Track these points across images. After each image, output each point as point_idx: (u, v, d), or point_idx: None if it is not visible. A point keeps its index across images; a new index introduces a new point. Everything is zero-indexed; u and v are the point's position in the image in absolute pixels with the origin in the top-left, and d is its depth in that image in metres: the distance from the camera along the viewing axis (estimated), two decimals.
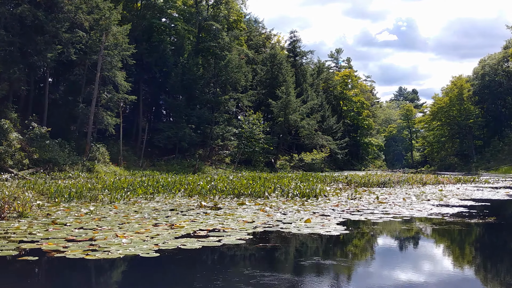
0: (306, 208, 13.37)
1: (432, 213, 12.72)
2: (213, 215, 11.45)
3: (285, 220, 10.68)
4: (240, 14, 67.22)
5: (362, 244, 8.75)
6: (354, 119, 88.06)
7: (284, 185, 19.60)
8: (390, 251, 8.30)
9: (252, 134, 56.04)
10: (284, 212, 12.37)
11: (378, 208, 13.90)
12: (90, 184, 19.31)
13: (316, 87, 78.15)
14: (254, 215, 11.55)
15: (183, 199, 15.72)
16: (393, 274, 6.61)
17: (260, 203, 14.55)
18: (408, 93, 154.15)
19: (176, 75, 50.95)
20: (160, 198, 16.19)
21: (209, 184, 19.01)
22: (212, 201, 15.04)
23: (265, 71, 67.29)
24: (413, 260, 7.73)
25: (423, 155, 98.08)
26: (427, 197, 18.31)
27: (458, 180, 31.46)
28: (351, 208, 13.80)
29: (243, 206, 13.70)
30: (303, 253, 7.77)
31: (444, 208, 14.24)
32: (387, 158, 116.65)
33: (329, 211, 12.85)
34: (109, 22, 41.65)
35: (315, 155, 62.72)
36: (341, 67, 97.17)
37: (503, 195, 20.15)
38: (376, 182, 25.68)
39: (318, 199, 16.71)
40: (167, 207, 13.33)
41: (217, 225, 9.67)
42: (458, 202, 16.49)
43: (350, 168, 77.40)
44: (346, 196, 17.84)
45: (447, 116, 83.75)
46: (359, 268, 7.12)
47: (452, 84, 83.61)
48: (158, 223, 9.85)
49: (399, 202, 15.79)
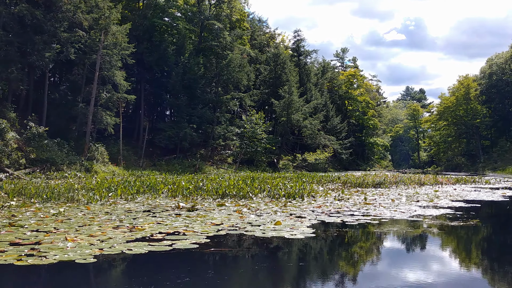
0: (285, 210, 12.97)
1: (414, 215, 12.28)
2: (184, 216, 11.09)
3: (256, 222, 10.29)
4: (243, 14, 66.91)
5: (319, 248, 8.24)
6: (359, 119, 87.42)
7: (273, 185, 19.19)
8: (347, 257, 7.82)
9: (254, 134, 55.73)
10: (260, 213, 11.99)
11: (361, 209, 13.47)
12: (77, 184, 19.06)
13: (321, 87, 77.69)
14: (227, 217, 11.17)
15: (164, 200, 15.38)
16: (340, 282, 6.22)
17: (240, 204, 14.18)
18: (415, 93, 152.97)
19: (177, 74, 50.69)
20: (142, 198, 15.87)
21: (195, 184, 18.65)
22: (193, 202, 14.71)
23: (269, 71, 67.03)
24: (369, 266, 7.29)
25: (430, 155, 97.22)
26: (418, 198, 17.86)
27: (457, 181, 30.93)
28: (333, 209, 13.39)
29: (221, 207, 13.33)
30: (250, 258, 7.31)
31: (429, 209, 13.79)
32: (394, 158, 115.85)
33: (308, 212, 12.45)
34: (109, 22, 41.46)
35: (318, 155, 62.27)
36: (346, 67, 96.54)
37: (498, 196, 19.65)
38: (371, 183, 25.22)
39: (304, 200, 16.33)
40: (143, 208, 12.99)
41: (181, 227, 9.28)
42: (448, 203, 16.03)
43: (355, 168, 76.85)
44: (334, 197, 17.41)
45: (453, 116, 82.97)
46: (299, 275, 6.64)
47: (459, 83, 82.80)
48: (120, 225, 9.49)
49: (386, 204, 15.35)
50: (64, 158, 35.37)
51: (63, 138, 38.68)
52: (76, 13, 38.95)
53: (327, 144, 64.77)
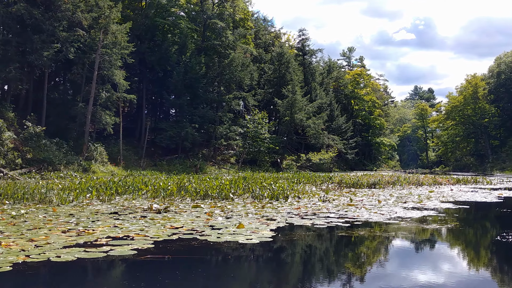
0: (261, 211, 12.49)
1: (392, 218, 11.75)
2: (147, 219, 10.64)
3: (220, 225, 9.81)
4: (247, 13, 66.41)
5: (265, 254, 7.68)
6: (365, 118, 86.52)
7: (261, 186, 18.69)
8: (289, 263, 7.30)
9: (257, 134, 55.24)
10: (230, 215, 11.51)
11: (341, 211, 12.96)
12: (61, 185, 18.69)
13: (326, 86, 76.98)
14: (193, 219, 10.69)
15: (142, 201, 14.93)
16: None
17: (217, 206, 13.72)
18: (423, 92, 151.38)
19: (178, 74, 50.32)
20: (120, 199, 15.45)
21: (179, 184, 18.20)
22: (170, 203, 14.27)
23: (273, 70, 66.50)
24: (307, 273, 6.80)
25: (438, 156, 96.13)
26: (408, 199, 17.31)
27: (457, 181, 30.28)
28: (311, 211, 12.89)
29: (195, 209, 12.87)
30: (184, 265, 6.78)
31: (413, 211, 13.25)
32: (402, 158, 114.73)
33: (282, 214, 11.96)
34: (109, 21, 41.17)
35: (322, 155, 61.61)
36: (353, 66, 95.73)
37: (493, 197, 19.04)
38: (366, 183, 24.67)
39: (287, 201, 15.83)
40: (113, 209, 12.56)
41: (135, 231, 8.84)
42: (436, 205, 15.47)
43: (362, 168, 76.08)
44: (319, 198, 16.87)
45: (461, 115, 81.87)
46: (225, 284, 6.15)
47: (467, 82, 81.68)
48: (72, 229, 9.03)
49: (371, 205, 14.82)
50: (61, 158, 35.13)
51: (63, 138, 38.50)
52: (76, 13, 38.71)
53: (331, 144, 64.05)
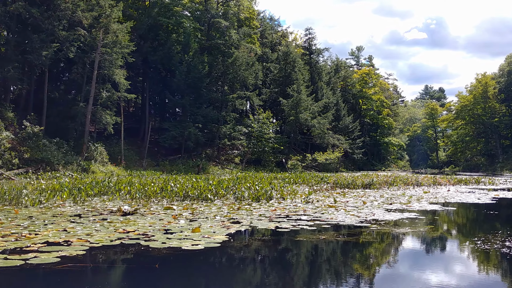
0: (231, 214, 11.98)
1: (365, 220, 11.19)
2: (107, 222, 10.20)
3: (177, 228, 9.32)
4: (252, 12, 65.96)
5: (201, 262, 7.04)
6: (373, 118, 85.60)
7: (245, 187, 18.20)
8: (226, 273, 6.78)
9: (261, 134, 54.75)
10: (196, 218, 11.03)
11: (317, 213, 12.42)
12: (45, 186, 18.35)
13: (333, 85, 76.28)
14: (154, 222, 10.21)
15: (116, 202, 14.48)
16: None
17: (190, 207, 13.26)
18: (434, 92, 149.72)
19: (181, 73, 50.00)
20: (96, 200, 15.03)
21: (162, 185, 17.75)
22: (145, 205, 13.84)
23: (278, 69, 65.96)
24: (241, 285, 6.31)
25: (448, 156, 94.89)
26: (396, 200, 16.73)
27: (458, 182, 29.58)
28: (285, 213, 12.38)
29: (165, 211, 12.41)
30: (101, 275, 6.28)
31: (393, 214, 12.67)
32: (412, 158, 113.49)
33: (253, 217, 11.45)
34: (109, 20, 40.93)
35: (328, 155, 60.97)
36: (362, 65, 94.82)
37: (487, 199, 18.39)
38: (361, 184, 24.11)
39: (268, 202, 15.33)
40: (79, 211, 12.13)
41: (81, 236, 8.35)
42: (423, 206, 14.88)
43: (370, 169, 75.30)
44: (303, 199, 16.33)
45: (471, 115, 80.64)
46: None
47: (477, 81, 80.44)
48: (16, 232, 8.57)
49: (353, 207, 14.28)
50: (60, 158, 34.88)
51: (64, 138, 38.32)
52: (76, 12, 38.46)
53: (336, 144, 63.32)
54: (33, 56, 35.86)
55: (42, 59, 36.02)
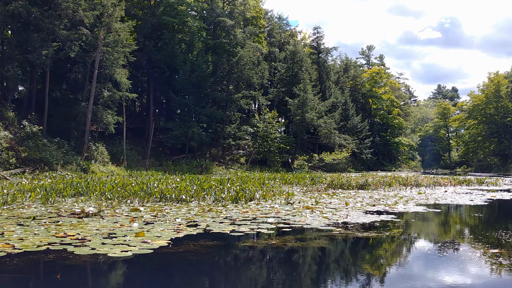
0: (198, 215, 11.47)
1: (334, 223, 10.60)
2: (57, 224, 9.72)
3: (124, 232, 8.80)
4: (259, 11, 65.36)
5: (112, 273, 6.54)
6: (383, 117, 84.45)
7: (227, 187, 17.66)
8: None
9: (267, 133, 54.16)
10: (155, 221, 10.50)
11: (289, 215, 11.84)
12: (28, 186, 17.98)
13: (342, 85, 75.44)
14: (105, 225, 9.68)
15: (87, 204, 13.99)
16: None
17: (157, 209, 12.74)
18: (447, 91, 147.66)
19: (185, 72, 49.62)
20: (70, 201, 14.56)
21: (141, 186, 17.26)
22: (114, 206, 13.35)
23: (285, 69, 65.29)
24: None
25: (461, 156, 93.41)
26: (383, 201, 16.09)
27: (459, 182, 28.79)
28: (256, 215, 11.81)
29: (131, 213, 11.91)
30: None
31: (369, 216, 12.06)
32: (424, 158, 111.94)
33: (216, 219, 10.90)
34: (112, 19, 40.66)
35: (336, 155, 60.23)
36: (372, 64, 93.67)
37: (481, 200, 17.66)
38: (355, 184, 23.46)
39: (246, 203, 14.77)
40: (40, 213, 11.65)
41: (14, 240, 7.86)
42: (407, 208, 14.24)
43: (380, 169, 74.25)
44: (285, 200, 15.72)
45: (483, 114, 79.18)
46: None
47: (489, 80, 79.00)
48: None
49: (333, 208, 13.69)
50: (59, 158, 34.62)
51: (65, 137, 38.12)
52: (77, 11, 38.18)
53: (343, 144, 62.48)
54: (33, 55, 35.63)
55: (42, 58, 35.79)
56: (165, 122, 54.59)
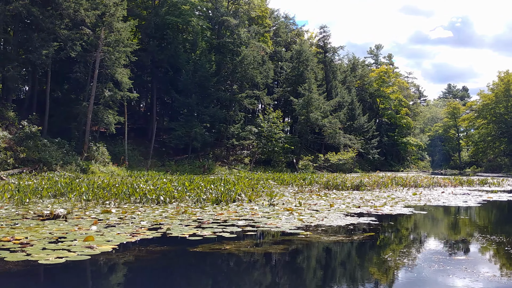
0: (167, 218, 11.07)
1: (305, 226, 10.16)
2: (17, 226, 9.38)
3: (76, 236, 8.43)
4: (264, 10, 64.93)
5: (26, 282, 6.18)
6: (391, 117, 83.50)
7: (211, 187, 17.24)
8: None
9: (271, 133, 53.66)
10: (118, 224, 10.12)
11: (262, 218, 11.40)
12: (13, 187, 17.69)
13: (349, 84, 74.69)
14: (60, 229, 9.29)
15: (63, 205, 13.65)
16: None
17: (131, 210, 12.36)
18: (457, 91, 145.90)
19: (187, 72, 49.30)
20: (47, 202, 14.23)
21: (125, 187, 16.90)
22: (92, 207, 13.01)
23: (291, 68, 64.73)
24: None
25: (471, 156, 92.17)
26: (370, 203, 15.61)
27: (460, 183, 28.18)
28: (230, 217, 11.40)
29: (96, 215, 11.55)
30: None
31: (346, 219, 11.59)
32: (434, 158, 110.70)
33: (186, 222, 10.51)
34: (113, 19, 40.45)
35: (341, 155, 59.59)
36: (381, 64, 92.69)
37: (475, 202, 17.11)
38: (351, 185, 22.96)
39: (227, 204, 14.35)
40: (6, 215, 11.32)
41: None
42: (392, 210, 13.77)
43: (387, 169, 73.49)
44: (268, 201, 15.26)
45: (493, 114, 78.06)
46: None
47: (499, 79, 77.90)
48: None
49: (314, 210, 13.25)
50: (58, 158, 34.43)
51: (66, 137, 37.96)
52: (79, 10, 37.97)
53: (347, 144, 61.77)
54: (34, 55, 35.49)
55: (43, 58, 35.63)
56: (169, 122, 54.34)
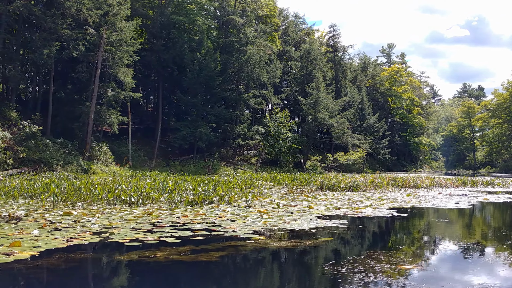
0: (126, 222, 10.56)
1: (262, 230, 9.59)
2: None
3: (6, 241, 7.97)
4: (273, 9, 64.35)
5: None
6: (403, 117, 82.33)
7: (189, 188, 16.74)
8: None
9: (278, 133, 53.05)
10: (62, 228, 9.58)
11: (226, 221, 10.85)
12: None
13: (359, 83, 73.78)
14: (3, 232, 8.89)
15: (36, 207, 13.21)
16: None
17: (94, 212, 11.89)
18: (472, 90, 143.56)
19: (192, 72, 48.92)
20: (16, 204, 13.84)
21: (103, 187, 16.48)
22: (61, 209, 12.58)
23: (300, 67, 64.04)
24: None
25: (486, 156, 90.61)
26: (354, 204, 14.99)
27: (463, 183, 27.39)
28: (187, 221, 10.86)
29: (55, 218, 11.09)
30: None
31: (317, 221, 11.00)
32: (449, 158, 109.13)
33: (140, 226, 10.00)
34: (116, 18, 40.22)
35: (350, 155, 58.79)
36: (393, 63, 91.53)
37: (467, 204, 16.40)
38: (345, 186, 22.32)
39: (202, 207, 13.82)
40: None
41: None
42: (374, 212, 13.19)
43: (399, 170, 72.54)
44: (246, 203, 14.69)
45: (507, 113, 76.58)
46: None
47: None
48: None
49: (288, 212, 12.68)
50: (59, 159, 34.24)
51: (69, 137, 37.84)
52: (81, 10, 37.76)
53: (356, 144, 60.90)
54: (35, 55, 35.37)
55: (44, 58, 35.45)
56: (175, 122, 54.08)
